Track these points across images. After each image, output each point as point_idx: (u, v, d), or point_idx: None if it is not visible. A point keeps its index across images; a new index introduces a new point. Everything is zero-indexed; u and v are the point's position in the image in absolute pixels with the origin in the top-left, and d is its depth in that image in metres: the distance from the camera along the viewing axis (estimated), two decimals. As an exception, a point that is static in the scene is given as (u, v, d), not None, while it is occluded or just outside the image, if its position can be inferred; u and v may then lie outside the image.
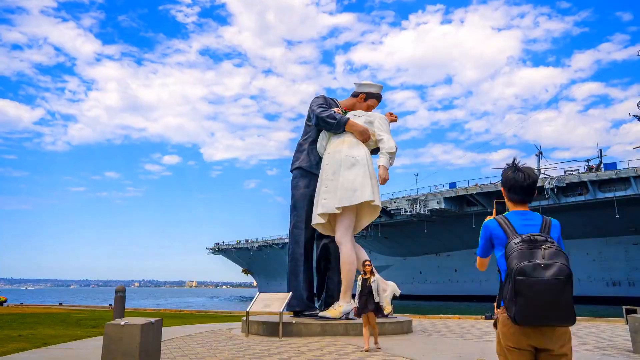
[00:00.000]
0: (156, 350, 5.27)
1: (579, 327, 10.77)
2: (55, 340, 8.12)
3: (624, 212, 34.17)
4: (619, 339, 8.49)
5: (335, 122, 9.58)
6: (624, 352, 6.80)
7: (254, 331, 9.02)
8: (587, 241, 40.03)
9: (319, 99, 10.36)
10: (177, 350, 6.86)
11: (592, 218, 37.60)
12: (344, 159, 9.22)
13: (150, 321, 5.03)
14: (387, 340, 7.99)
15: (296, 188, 10.18)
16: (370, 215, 9.48)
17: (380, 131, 9.57)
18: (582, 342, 7.96)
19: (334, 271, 10.04)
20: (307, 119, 10.55)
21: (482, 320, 14.10)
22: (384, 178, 9.06)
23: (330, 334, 8.47)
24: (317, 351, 6.68)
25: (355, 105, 10.53)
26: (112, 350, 4.71)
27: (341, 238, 9.07)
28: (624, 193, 33.53)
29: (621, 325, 11.13)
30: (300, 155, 10.31)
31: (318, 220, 9.17)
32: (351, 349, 6.92)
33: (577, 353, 6.76)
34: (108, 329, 4.80)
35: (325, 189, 9.16)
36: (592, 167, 39.33)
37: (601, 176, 34.42)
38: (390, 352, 6.60)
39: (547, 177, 37.78)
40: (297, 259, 9.89)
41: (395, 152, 9.39)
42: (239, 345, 7.43)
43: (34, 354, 6.45)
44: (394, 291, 9.87)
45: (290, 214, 10.28)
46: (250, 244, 69.48)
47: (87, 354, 6.50)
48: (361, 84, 10.66)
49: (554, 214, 38.09)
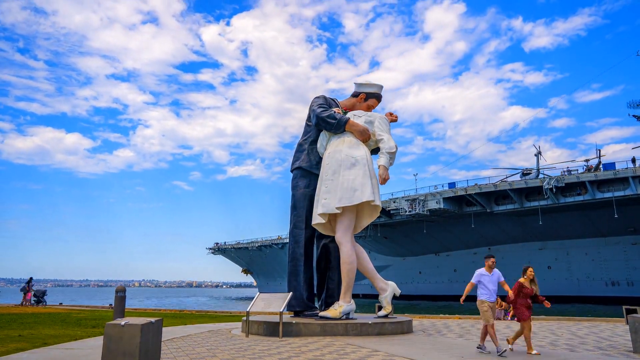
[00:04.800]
0: (156, 350, 5.27)
1: (579, 327, 10.78)
2: (55, 340, 8.12)
3: (622, 212, 34.23)
4: (619, 339, 8.49)
5: (335, 122, 9.58)
6: (624, 352, 6.80)
7: (254, 331, 9.02)
8: (586, 241, 40.10)
9: (319, 98, 10.36)
10: (177, 350, 6.86)
11: (591, 218, 37.66)
12: (344, 158, 9.22)
13: (150, 321, 5.03)
14: (387, 340, 8.00)
15: (296, 188, 10.18)
16: (370, 215, 9.49)
17: (380, 131, 9.58)
18: (582, 342, 7.97)
19: (334, 271, 10.04)
20: (307, 119, 10.55)
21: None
22: (384, 178, 9.07)
23: (330, 334, 8.46)
24: (317, 351, 6.68)
25: (355, 105, 10.53)
26: (112, 350, 4.71)
27: (341, 238, 9.07)
28: (623, 193, 33.58)
29: (621, 325, 11.14)
30: (301, 155, 10.31)
31: (318, 220, 9.18)
32: (351, 349, 6.92)
33: (577, 353, 6.77)
34: (108, 329, 4.80)
35: (325, 188, 9.17)
36: (591, 167, 39.37)
37: (600, 176, 34.47)
38: (390, 352, 6.60)
39: (546, 177, 37.82)
40: (297, 259, 9.89)
41: (395, 152, 9.40)
42: (239, 345, 7.43)
43: (34, 354, 6.44)
44: (394, 291, 9.87)
45: (290, 214, 10.28)
46: (250, 244, 69.48)
47: (87, 354, 6.49)
48: (361, 84, 10.65)
49: (553, 214, 38.14)
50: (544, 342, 7.92)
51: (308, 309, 9.90)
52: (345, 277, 9.13)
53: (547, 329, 10.24)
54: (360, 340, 7.91)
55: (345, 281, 9.18)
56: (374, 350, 6.76)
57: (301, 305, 9.78)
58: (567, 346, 7.49)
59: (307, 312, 9.84)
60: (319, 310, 9.88)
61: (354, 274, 9.15)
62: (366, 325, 8.61)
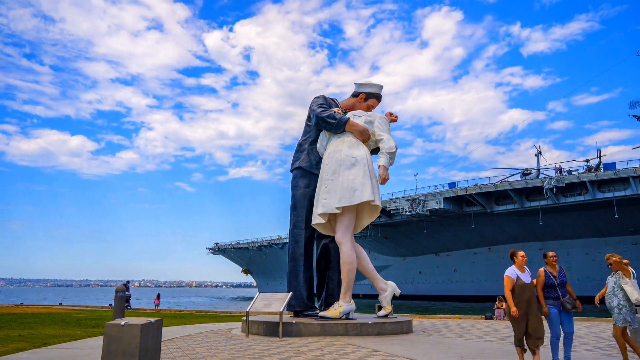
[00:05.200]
0: (156, 350, 5.27)
1: (579, 327, 10.77)
2: (55, 340, 8.12)
3: (623, 212, 34.21)
4: (618, 338, 8.47)
5: (335, 122, 9.58)
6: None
7: (254, 331, 9.02)
8: (586, 241, 40.09)
9: (319, 98, 10.36)
10: (177, 350, 6.86)
11: (591, 218, 37.65)
12: (344, 158, 9.22)
13: (150, 321, 5.03)
14: (387, 340, 7.99)
15: (296, 188, 10.18)
16: (370, 215, 9.48)
17: (380, 131, 9.58)
18: (582, 342, 7.96)
19: (334, 271, 10.04)
20: (307, 119, 10.55)
21: (482, 320, 14.10)
22: (384, 178, 9.06)
23: (330, 334, 8.47)
24: (317, 351, 6.68)
25: (355, 105, 10.53)
26: (112, 350, 4.71)
27: (341, 238, 9.07)
28: (623, 193, 33.56)
29: (621, 325, 11.12)
30: (301, 155, 10.31)
31: (318, 220, 9.17)
32: (351, 348, 6.92)
33: (577, 353, 6.77)
34: (108, 329, 4.80)
35: (325, 188, 9.16)
36: (592, 167, 39.34)
37: (600, 176, 34.44)
38: (390, 352, 6.60)
39: (546, 177, 37.80)
40: (297, 259, 9.89)
41: (395, 152, 9.39)
42: (239, 345, 7.43)
43: (34, 354, 6.45)
44: (394, 291, 9.87)
45: (290, 214, 10.28)
46: (249, 244, 69.47)
47: (87, 354, 6.50)
48: (361, 83, 10.65)
49: (553, 214, 38.13)
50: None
51: (308, 309, 9.89)
52: (345, 277, 9.12)
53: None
54: (360, 340, 7.91)
55: (345, 281, 9.18)
56: (374, 350, 6.76)
57: (301, 305, 9.78)
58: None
59: (307, 312, 9.84)
60: (318, 310, 9.88)
61: (353, 274, 9.15)
62: (366, 325, 8.61)
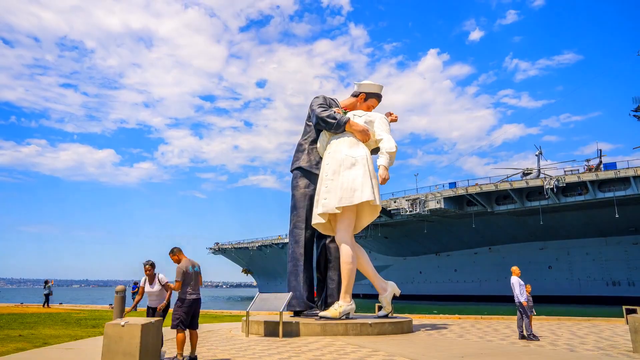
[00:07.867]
0: (156, 350, 5.27)
1: (579, 327, 10.77)
2: (55, 340, 8.13)
3: (623, 212, 34.17)
4: (619, 339, 8.48)
5: (335, 122, 9.58)
6: (624, 352, 6.79)
7: (254, 331, 9.02)
8: (587, 241, 40.03)
9: (319, 98, 10.35)
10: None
11: (592, 218, 37.61)
12: (344, 158, 9.22)
13: (150, 321, 5.03)
14: (387, 340, 7.99)
15: (296, 188, 10.17)
16: (370, 215, 9.48)
17: (380, 131, 9.58)
18: (582, 342, 7.96)
19: (334, 271, 10.04)
20: (307, 119, 10.54)
21: (482, 320, 14.10)
22: (384, 178, 9.06)
23: (330, 334, 8.46)
24: (317, 351, 6.68)
25: (355, 105, 10.53)
26: (112, 350, 4.71)
27: (341, 238, 9.07)
28: (624, 193, 33.53)
29: (621, 325, 11.13)
30: (301, 155, 10.31)
31: (318, 220, 9.17)
32: (351, 348, 6.92)
33: (577, 353, 6.77)
34: (108, 329, 4.80)
35: (325, 188, 9.16)
36: (592, 167, 39.31)
37: (601, 176, 34.40)
38: (390, 352, 6.60)
39: (546, 177, 37.76)
40: (297, 259, 9.88)
41: (395, 152, 9.39)
42: (239, 345, 7.43)
43: (34, 354, 6.45)
44: (394, 291, 9.87)
45: (290, 214, 10.28)
46: (250, 244, 69.46)
47: (87, 354, 6.50)
48: (361, 84, 10.65)
49: (554, 214, 38.09)
50: (544, 342, 7.92)
51: (308, 309, 9.89)
52: (345, 277, 9.12)
53: (548, 329, 10.22)
54: (360, 340, 7.90)
55: (345, 281, 9.17)
56: (374, 350, 6.76)
57: (301, 305, 9.77)
58: (567, 346, 7.49)
59: (307, 312, 9.83)
60: (318, 310, 9.87)
61: (354, 274, 9.15)
62: (366, 325, 8.61)
